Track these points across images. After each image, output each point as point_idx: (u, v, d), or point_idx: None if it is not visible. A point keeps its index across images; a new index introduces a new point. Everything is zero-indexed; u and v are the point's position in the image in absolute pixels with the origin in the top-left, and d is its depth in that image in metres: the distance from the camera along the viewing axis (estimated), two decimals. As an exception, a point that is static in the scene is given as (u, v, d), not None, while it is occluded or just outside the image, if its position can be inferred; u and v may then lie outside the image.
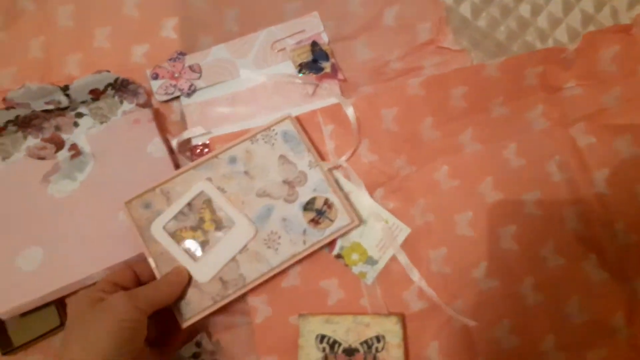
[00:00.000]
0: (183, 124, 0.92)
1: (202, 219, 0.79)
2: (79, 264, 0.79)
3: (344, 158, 0.85)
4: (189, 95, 0.92)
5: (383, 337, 0.77)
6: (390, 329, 0.77)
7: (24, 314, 0.80)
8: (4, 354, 0.78)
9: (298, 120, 0.87)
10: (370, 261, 0.82)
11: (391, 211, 0.84)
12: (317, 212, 0.80)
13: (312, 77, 0.92)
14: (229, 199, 0.80)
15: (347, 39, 0.94)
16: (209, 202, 0.80)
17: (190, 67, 0.93)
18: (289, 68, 0.93)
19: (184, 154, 0.90)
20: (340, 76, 0.91)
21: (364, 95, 0.90)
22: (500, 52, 0.92)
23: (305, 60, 0.92)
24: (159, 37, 0.95)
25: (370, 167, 0.86)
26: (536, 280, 0.79)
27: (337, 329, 0.77)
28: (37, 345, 0.81)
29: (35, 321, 0.80)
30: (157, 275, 0.77)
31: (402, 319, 0.78)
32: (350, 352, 0.77)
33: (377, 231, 0.83)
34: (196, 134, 0.90)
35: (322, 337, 0.77)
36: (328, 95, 0.91)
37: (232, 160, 0.82)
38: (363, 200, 0.84)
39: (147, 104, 0.91)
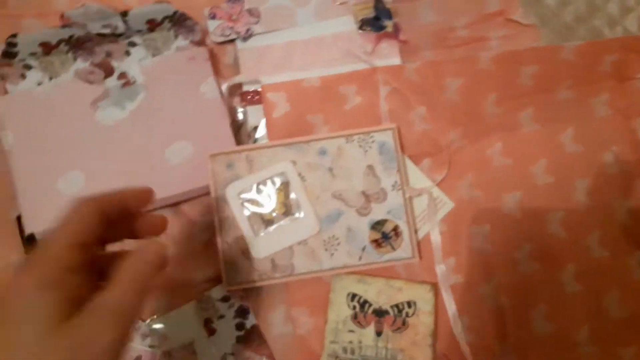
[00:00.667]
0: (235, 68, 0.92)
1: (275, 199, 0.83)
2: None
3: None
4: (245, 39, 0.92)
5: (414, 303, 0.82)
6: (423, 296, 0.82)
7: None
8: None
9: (355, 76, 0.88)
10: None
11: (437, 184, 0.86)
12: (384, 235, 0.82)
13: (372, 34, 0.90)
14: (306, 189, 0.83)
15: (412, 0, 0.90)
16: (286, 185, 0.83)
17: (249, 11, 0.92)
18: (349, 23, 0.92)
19: (233, 98, 0.90)
20: (401, 37, 0.89)
21: (430, 61, 0.89)
22: (568, 33, 0.89)
23: (367, 17, 0.90)
24: None
25: (422, 136, 0.87)
26: (578, 269, 0.82)
27: (369, 290, 0.82)
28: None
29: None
30: (219, 239, 0.81)
31: (435, 288, 0.82)
32: (380, 313, 0.82)
33: (422, 202, 0.85)
34: (249, 79, 0.90)
35: (353, 296, 0.82)
36: (387, 55, 0.91)
37: (322, 151, 0.83)
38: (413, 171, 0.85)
39: (201, 43, 0.91)
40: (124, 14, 0.83)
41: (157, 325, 0.82)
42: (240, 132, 0.88)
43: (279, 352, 0.81)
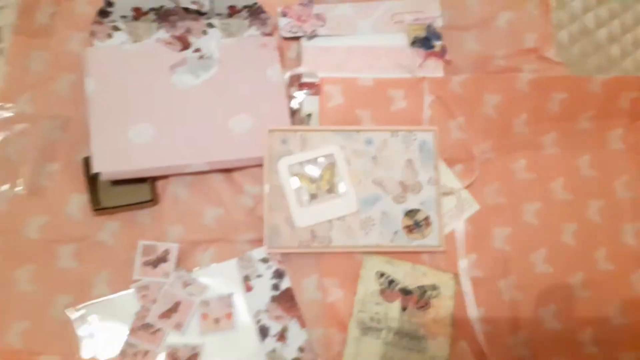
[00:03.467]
0: (296, 62, 0.97)
1: (321, 176, 0.86)
2: (182, 151, 0.85)
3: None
4: (309, 38, 0.98)
5: (437, 287, 0.85)
6: (446, 282, 0.85)
7: (118, 182, 0.86)
8: (94, 210, 0.85)
9: (404, 83, 0.93)
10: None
11: (466, 187, 0.90)
12: (416, 223, 0.87)
13: (421, 51, 0.97)
14: (350, 172, 0.87)
15: (459, 29, 1.00)
16: (333, 166, 0.86)
17: (317, 15, 0.98)
18: (402, 39, 0.99)
19: (292, 87, 0.94)
20: (447, 57, 0.95)
21: (474, 77, 0.95)
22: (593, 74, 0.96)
23: (419, 36, 0.97)
24: None
25: (457, 143, 0.92)
26: (586, 277, 0.86)
27: (397, 271, 0.85)
28: (121, 213, 0.87)
29: (127, 191, 0.87)
30: (266, 205, 0.84)
31: (456, 278, 0.85)
32: (406, 291, 0.85)
33: (450, 201, 0.89)
34: (310, 72, 0.95)
35: (381, 274, 0.85)
36: (432, 71, 0.97)
37: (369, 141, 0.88)
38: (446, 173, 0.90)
39: (270, 35, 0.96)
40: (213, -6, 0.88)
41: (199, 276, 0.82)
42: (294, 117, 0.92)
43: (308, 315, 0.82)
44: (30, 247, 0.82)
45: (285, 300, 0.82)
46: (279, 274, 0.84)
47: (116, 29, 0.90)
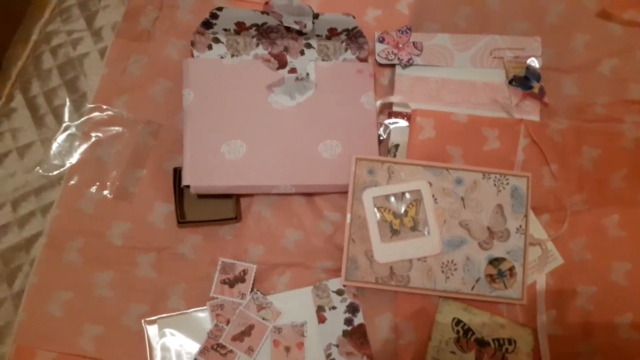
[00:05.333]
0: (388, 90, 0.92)
1: (406, 213, 0.81)
2: (271, 172, 0.82)
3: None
4: (405, 66, 0.93)
5: (515, 341, 0.79)
6: (524, 337, 0.79)
7: (203, 196, 0.83)
8: (179, 222, 0.82)
9: (500, 122, 0.87)
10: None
11: (552, 239, 0.83)
12: (499, 272, 0.81)
13: (519, 90, 0.91)
14: (436, 211, 0.81)
15: (559, 71, 0.92)
16: (419, 203, 0.81)
17: (414, 44, 0.93)
18: (500, 75, 0.93)
19: (381, 114, 0.90)
20: (545, 99, 0.88)
21: (574, 126, 0.88)
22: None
23: (518, 75, 0.91)
24: (392, 9, 0.96)
25: (547, 191, 0.85)
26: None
27: (473, 319, 0.79)
28: (203, 228, 0.84)
29: (212, 206, 0.84)
30: (347, 235, 0.79)
31: (535, 333, 0.79)
32: (482, 343, 0.79)
33: (534, 252, 0.83)
34: (402, 101, 0.90)
35: (458, 321, 0.80)
36: (528, 112, 0.90)
37: (459, 181, 0.82)
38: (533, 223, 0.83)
39: (365, 60, 0.91)
40: (316, 16, 0.83)
41: (274, 301, 0.78)
42: (380, 145, 0.86)
43: (380, 355, 0.78)
44: (112, 253, 0.80)
45: (358, 336, 0.78)
46: (353, 309, 0.79)
47: (217, 41, 0.86)
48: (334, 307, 0.79)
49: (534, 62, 0.92)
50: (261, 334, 0.76)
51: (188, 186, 0.79)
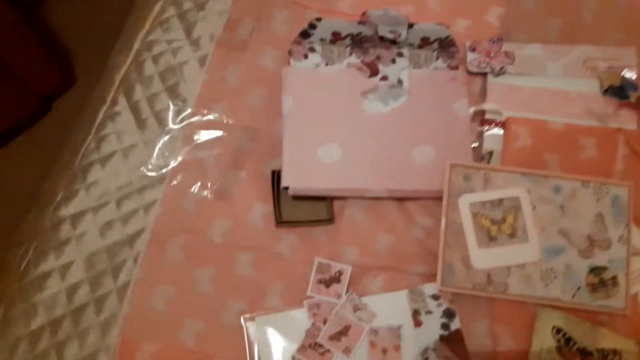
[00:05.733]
0: (479, 98, 0.92)
1: (504, 219, 0.80)
2: (365, 175, 0.82)
3: None
4: (497, 75, 0.92)
5: (620, 353, 0.75)
6: (629, 349, 0.75)
7: (299, 198, 0.84)
8: (277, 222, 0.83)
9: (598, 131, 0.86)
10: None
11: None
12: (601, 281, 0.78)
13: (614, 100, 0.89)
14: (535, 218, 0.80)
15: None
16: (517, 209, 0.80)
17: (506, 53, 0.93)
18: (594, 85, 0.91)
19: (475, 121, 0.89)
20: (644, 109, 0.85)
21: None
22: None
23: (613, 84, 0.89)
24: (482, 19, 0.97)
25: None
26: None
27: (574, 329, 0.76)
28: (298, 228, 0.85)
29: (308, 208, 0.85)
30: (442, 241, 0.78)
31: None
32: (585, 353, 0.76)
33: (636, 263, 0.80)
34: (495, 109, 0.90)
35: (558, 330, 0.77)
36: (624, 121, 0.89)
37: (557, 189, 0.81)
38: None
39: (455, 68, 0.92)
40: (410, 25, 0.84)
41: (369, 303, 0.77)
42: (473, 153, 0.86)
43: (478, 361, 0.75)
44: (213, 250, 0.81)
45: (455, 342, 0.76)
46: (449, 314, 0.78)
47: (312, 50, 0.88)
48: (429, 312, 0.78)
49: (629, 73, 0.90)
50: (358, 334, 0.76)
51: (286, 188, 0.80)
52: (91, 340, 0.78)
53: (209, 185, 0.85)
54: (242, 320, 0.78)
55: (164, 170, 0.87)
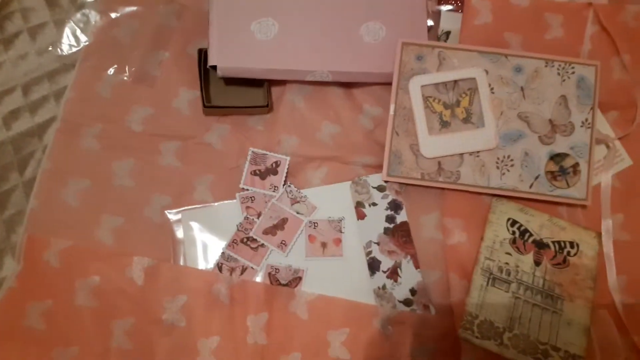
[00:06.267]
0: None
1: (458, 102, 0.71)
2: (306, 55, 0.72)
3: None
4: None
5: (577, 245, 0.70)
6: (588, 241, 0.70)
7: (232, 82, 0.74)
8: (205, 107, 0.73)
9: (566, 7, 0.77)
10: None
11: (619, 138, 0.74)
12: (561, 169, 0.71)
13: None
14: (492, 101, 0.71)
15: None
16: (473, 92, 0.71)
17: None
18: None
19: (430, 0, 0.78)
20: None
21: None
22: None
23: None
24: None
25: (617, 85, 0.76)
26: None
27: (531, 220, 0.71)
28: (231, 117, 0.75)
29: (241, 93, 0.75)
30: (390, 128, 0.70)
31: (599, 237, 0.70)
32: (540, 245, 0.70)
33: (599, 151, 0.74)
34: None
35: (513, 222, 0.71)
36: None
37: (518, 69, 0.72)
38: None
39: None
40: None
41: (309, 195, 0.69)
42: (428, 33, 0.75)
43: (424, 256, 0.69)
44: (132, 140, 0.71)
45: (401, 235, 0.69)
46: (395, 206, 0.70)
47: None
48: (374, 204, 0.70)
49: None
50: (295, 228, 0.68)
51: (215, 67, 0.69)
52: (-5, 239, 0.68)
53: (127, 67, 0.73)
54: (167, 215, 0.68)
55: (75, 50, 0.74)
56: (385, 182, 0.71)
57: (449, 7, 0.78)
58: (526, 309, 0.65)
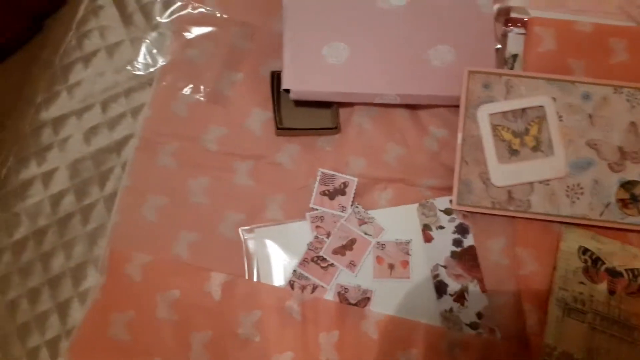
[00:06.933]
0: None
1: (527, 130, 0.71)
2: (375, 79, 0.73)
3: None
4: None
5: (652, 272, 0.68)
6: (662, 268, 0.68)
7: (302, 104, 0.76)
8: (277, 128, 0.75)
9: (630, 32, 0.77)
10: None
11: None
12: (632, 196, 0.70)
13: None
14: (561, 129, 0.71)
15: None
16: (542, 120, 0.72)
17: None
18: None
19: (498, 21, 0.79)
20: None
21: None
22: None
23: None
24: None
25: None
26: None
27: (602, 249, 0.70)
28: (301, 137, 0.76)
29: (311, 115, 0.77)
30: (459, 155, 0.71)
31: (674, 265, 0.69)
32: (614, 273, 0.70)
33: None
34: (520, 6, 0.80)
35: (585, 250, 0.71)
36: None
37: (586, 96, 0.72)
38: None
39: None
40: None
41: (376, 216, 0.70)
42: (495, 55, 0.76)
43: (491, 280, 0.69)
44: (207, 158, 0.74)
45: (467, 259, 0.70)
46: (462, 229, 0.71)
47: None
48: (441, 227, 0.71)
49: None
50: (363, 249, 0.70)
51: (287, 90, 0.71)
52: (78, 251, 0.71)
53: (202, 87, 0.75)
54: (240, 232, 0.70)
55: (152, 70, 0.76)
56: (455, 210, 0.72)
57: (517, 30, 0.77)
58: (603, 340, 0.66)
